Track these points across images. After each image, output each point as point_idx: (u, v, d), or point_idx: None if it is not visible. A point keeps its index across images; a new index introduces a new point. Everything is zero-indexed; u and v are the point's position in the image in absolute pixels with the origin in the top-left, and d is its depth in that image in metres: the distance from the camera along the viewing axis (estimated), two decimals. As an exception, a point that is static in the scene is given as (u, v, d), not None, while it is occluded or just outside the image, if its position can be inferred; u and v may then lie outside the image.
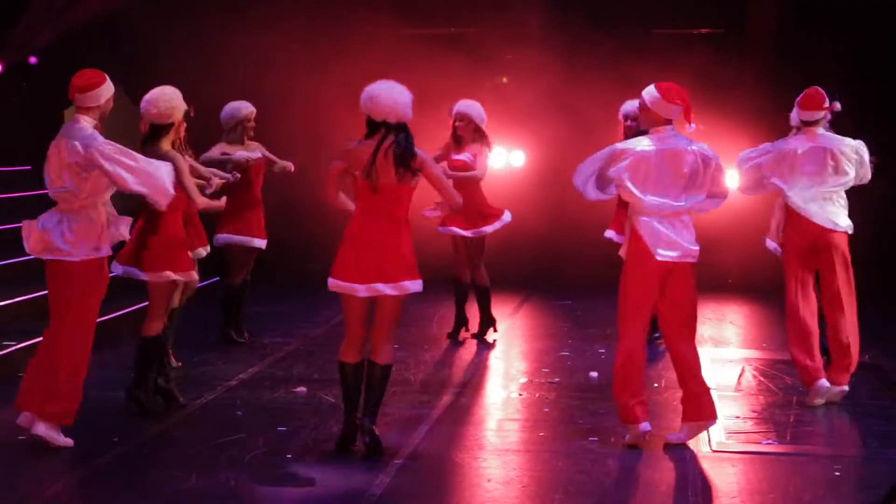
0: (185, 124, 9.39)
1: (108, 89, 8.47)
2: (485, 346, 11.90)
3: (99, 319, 11.29)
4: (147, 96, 9.19)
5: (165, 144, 9.13)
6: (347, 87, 15.29)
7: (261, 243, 11.65)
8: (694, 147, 8.39)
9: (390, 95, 8.13)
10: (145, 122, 9.20)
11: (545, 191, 15.37)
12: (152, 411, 9.12)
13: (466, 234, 11.80)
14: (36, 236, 8.37)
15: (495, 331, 12.13)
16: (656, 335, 11.66)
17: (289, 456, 8.14)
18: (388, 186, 8.06)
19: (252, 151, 11.45)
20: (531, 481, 7.81)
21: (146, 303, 9.46)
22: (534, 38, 16.39)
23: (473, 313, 12.19)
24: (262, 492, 7.45)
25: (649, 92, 8.38)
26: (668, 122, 8.39)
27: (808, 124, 9.64)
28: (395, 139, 8.07)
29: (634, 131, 11.64)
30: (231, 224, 11.47)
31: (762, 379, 10.51)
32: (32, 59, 15.12)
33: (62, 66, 14.55)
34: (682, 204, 8.36)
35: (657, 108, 8.36)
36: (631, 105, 11.66)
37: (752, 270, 14.69)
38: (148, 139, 9.13)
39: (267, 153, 11.64)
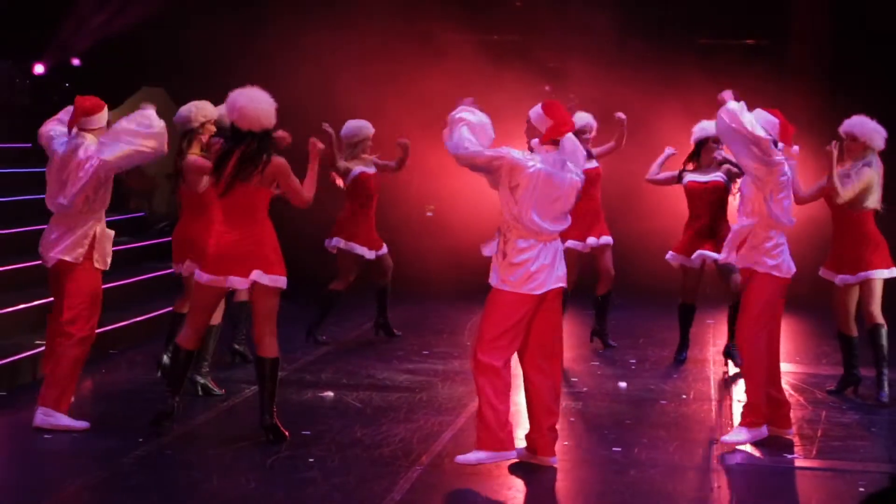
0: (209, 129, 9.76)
1: (105, 115, 8.98)
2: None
3: (128, 322, 11.54)
4: None
5: (194, 148, 9.62)
6: (398, 89, 15.59)
7: (368, 254, 12.03)
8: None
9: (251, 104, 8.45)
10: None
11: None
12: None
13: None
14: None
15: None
16: (683, 356, 11.60)
17: (311, 460, 8.13)
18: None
19: (368, 166, 12.04)
20: (551, 490, 7.79)
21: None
22: (577, 47, 16.36)
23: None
24: (281, 495, 7.45)
25: (535, 110, 8.12)
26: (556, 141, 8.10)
27: None
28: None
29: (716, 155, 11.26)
30: (346, 231, 12.00)
31: (792, 392, 10.41)
32: (75, 61, 15.26)
33: (104, 67, 14.74)
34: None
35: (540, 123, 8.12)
36: (708, 126, 11.22)
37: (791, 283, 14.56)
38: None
39: (379, 161, 12.12)
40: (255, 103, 8.45)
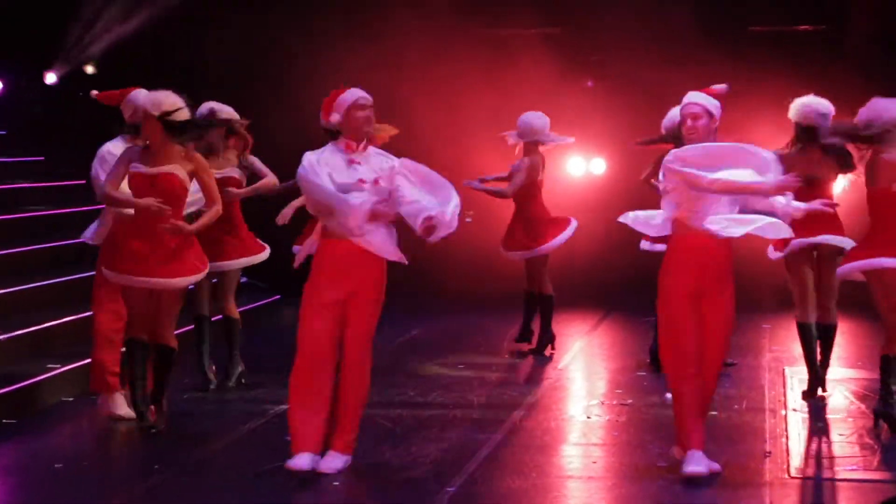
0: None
1: None
2: (555, 365, 11.40)
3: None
4: None
5: None
6: (431, 87, 15.20)
7: (518, 255, 11.87)
8: None
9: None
10: None
11: (629, 200, 14.78)
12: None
13: None
14: None
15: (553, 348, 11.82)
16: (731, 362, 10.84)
17: (336, 483, 7.67)
18: None
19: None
20: (592, 509, 7.29)
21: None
22: (622, 41, 15.81)
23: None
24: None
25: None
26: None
27: None
28: None
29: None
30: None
31: (854, 400, 9.82)
32: (89, 69, 15.04)
33: (118, 74, 14.38)
34: None
35: None
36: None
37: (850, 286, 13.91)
38: None
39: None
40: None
